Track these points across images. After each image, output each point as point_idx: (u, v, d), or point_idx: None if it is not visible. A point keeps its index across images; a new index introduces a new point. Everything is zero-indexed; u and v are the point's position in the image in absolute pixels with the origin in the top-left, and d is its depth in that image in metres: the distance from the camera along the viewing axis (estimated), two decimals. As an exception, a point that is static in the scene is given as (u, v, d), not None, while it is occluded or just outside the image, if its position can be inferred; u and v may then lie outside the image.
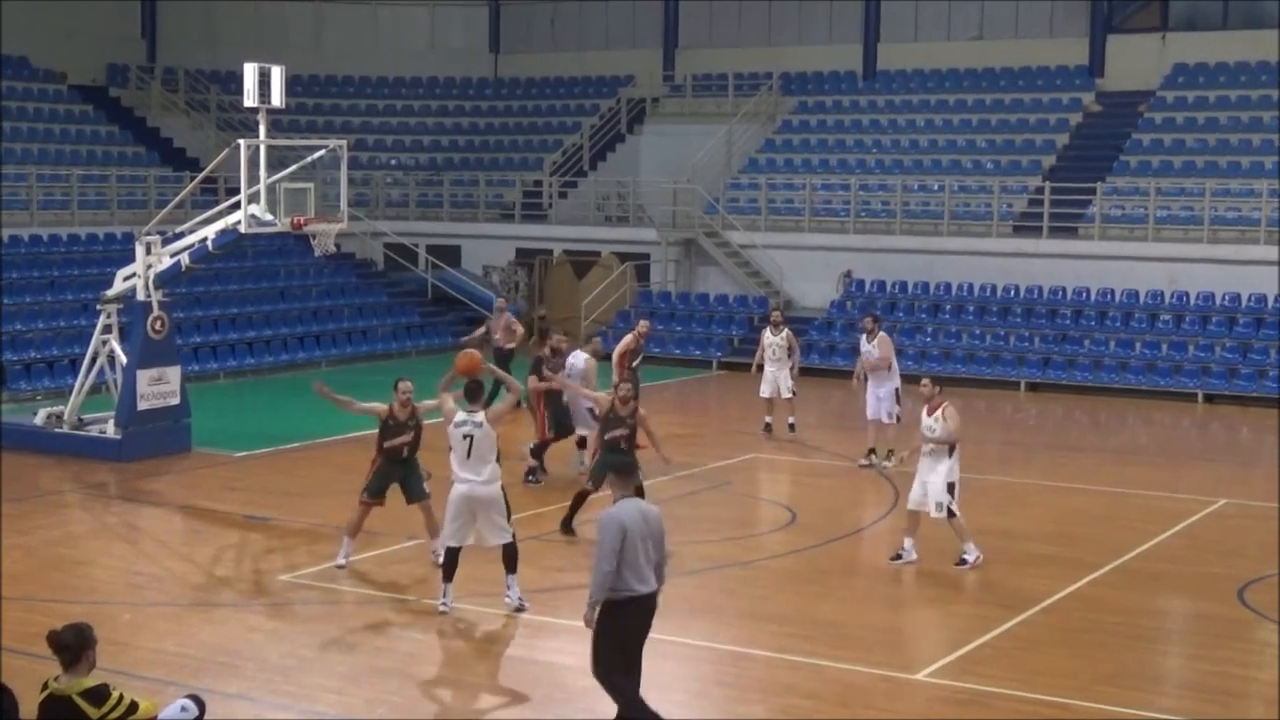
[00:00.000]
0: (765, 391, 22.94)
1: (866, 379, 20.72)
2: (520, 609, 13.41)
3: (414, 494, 15.00)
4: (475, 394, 13.46)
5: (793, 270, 33.18)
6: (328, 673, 12.06)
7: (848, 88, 38.43)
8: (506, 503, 13.36)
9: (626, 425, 15.72)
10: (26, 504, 17.84)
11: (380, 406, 14.96)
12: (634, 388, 16.05)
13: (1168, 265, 29.69)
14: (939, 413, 15.05)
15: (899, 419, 20.47)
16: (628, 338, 21.15)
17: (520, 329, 24.50)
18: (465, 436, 13.14)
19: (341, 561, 14.96)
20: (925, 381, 15.31)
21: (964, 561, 15.29)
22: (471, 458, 13.10)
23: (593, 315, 32.92)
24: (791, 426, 22.93)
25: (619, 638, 9.99)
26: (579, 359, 19.15)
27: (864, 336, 20.97)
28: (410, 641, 12.89)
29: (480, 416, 13.21)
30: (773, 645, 12.76)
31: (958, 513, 15.20)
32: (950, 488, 15.08)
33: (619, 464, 10.72)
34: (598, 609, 9.97)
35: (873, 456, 20.48)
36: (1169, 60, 35.32)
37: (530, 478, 19.02)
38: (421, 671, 12.22)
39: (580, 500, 16.29)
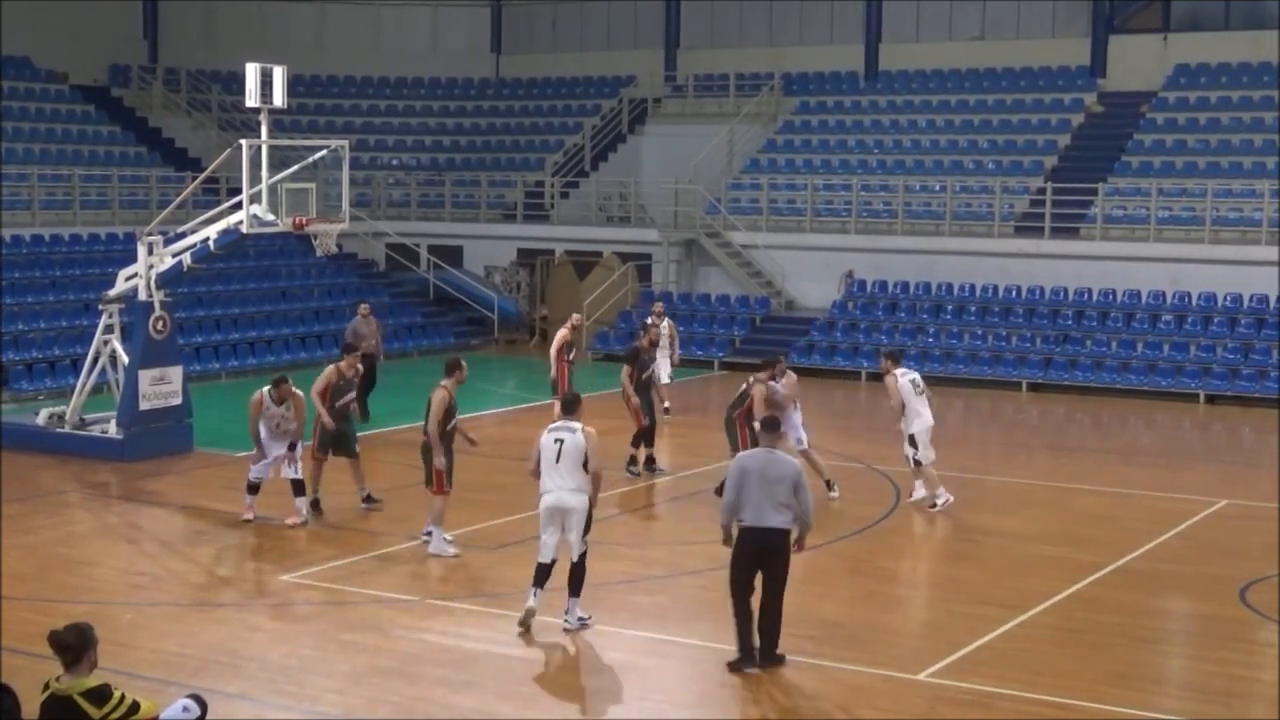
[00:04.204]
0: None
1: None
2: (583, 626, 13.10)
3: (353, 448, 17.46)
4: (572, 405, 13.27)
5: (794, 270, 33.18)
6: (329, 672, 12.06)
7: (849, 88, 38.43)
8: (589, 518, 13.03)
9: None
10: (28, 504, 17.84)
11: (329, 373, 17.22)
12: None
13: (1169, 266, 29.68)
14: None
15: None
16: (563, 330, 22.53)
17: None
18: (556, 441, 12.93)
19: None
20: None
21: (934, 504, 17.55)
22: (560, 464, 12.89)
23: (595, 316, 32.89)
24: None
25: (736, 559, 12.10)
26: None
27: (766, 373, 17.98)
28: (411, 641, 12.88)
29: (576, 425, 12.97)
30: (774, 645, 12.75)
31: (923, 461, 17.48)
32: (911, 439, 17.44)
33: (771, 420, 12.86)
34: (728, 534, 12.16)
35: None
36: (1170, 61, 35.31)
37: (632, 468, 19.66)
38: (423, 671, 12.21)
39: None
